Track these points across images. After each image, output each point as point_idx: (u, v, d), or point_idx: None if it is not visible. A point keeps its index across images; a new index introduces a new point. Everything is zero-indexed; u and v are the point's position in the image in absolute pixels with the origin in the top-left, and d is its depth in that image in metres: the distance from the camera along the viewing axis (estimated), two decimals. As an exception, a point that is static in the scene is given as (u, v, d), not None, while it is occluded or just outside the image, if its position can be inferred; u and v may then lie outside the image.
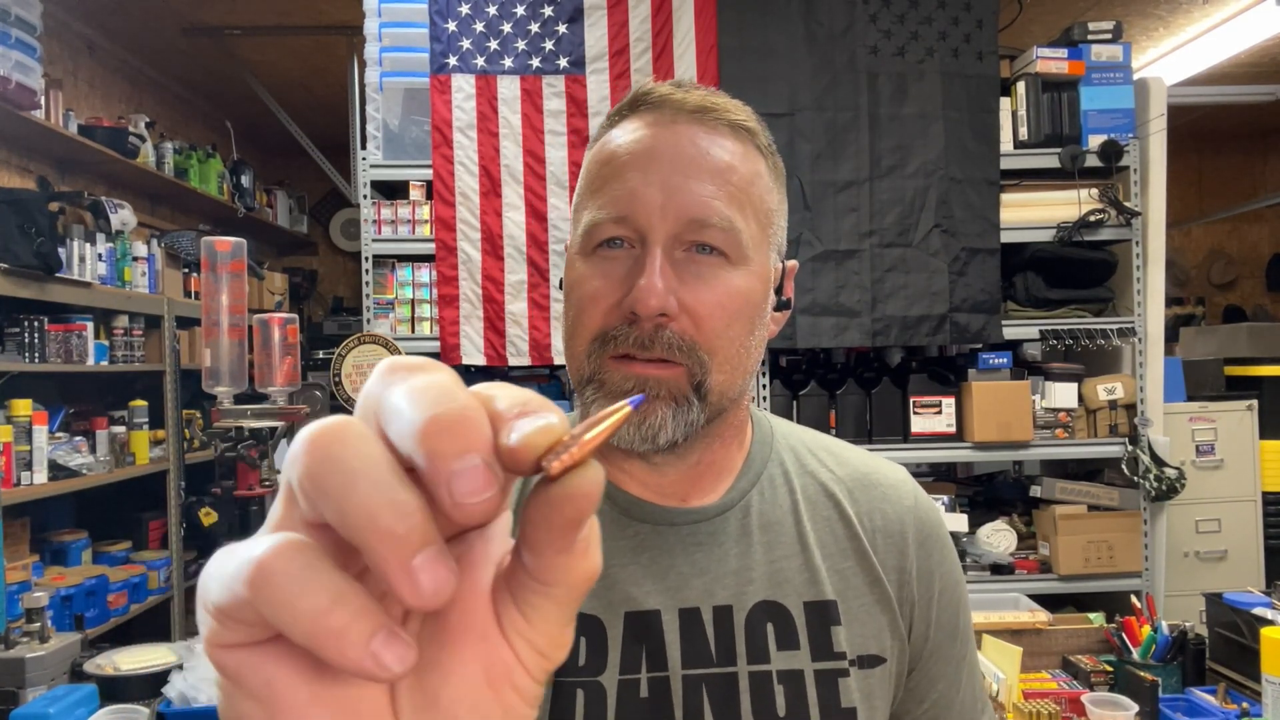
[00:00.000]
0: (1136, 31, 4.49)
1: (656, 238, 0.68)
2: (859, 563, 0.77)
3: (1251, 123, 6.03)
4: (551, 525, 0.25)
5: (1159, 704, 1.84)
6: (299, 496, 0.25)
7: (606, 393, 0.69)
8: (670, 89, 0.73)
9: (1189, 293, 6.67)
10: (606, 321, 0.69)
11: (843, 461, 0.83)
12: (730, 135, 0.72)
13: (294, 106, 5.14)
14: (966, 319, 3.12)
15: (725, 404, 0.72)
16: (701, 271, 0.69)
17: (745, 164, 0.72)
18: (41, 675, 1.88)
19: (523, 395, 0.26)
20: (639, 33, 3.12)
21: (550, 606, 0.27)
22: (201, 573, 0.27)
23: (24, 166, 3.73)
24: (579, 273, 0.72)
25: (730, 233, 0.69)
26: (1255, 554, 3.42)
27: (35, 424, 3.03)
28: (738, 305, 0.70)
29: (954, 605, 0.81)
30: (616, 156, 0.71)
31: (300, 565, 0.24)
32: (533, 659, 0.28)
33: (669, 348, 0.68)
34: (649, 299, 0.66)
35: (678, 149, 0.70)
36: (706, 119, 0.72)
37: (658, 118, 0.72)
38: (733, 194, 0.70)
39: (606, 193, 0.71)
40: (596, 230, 0.70)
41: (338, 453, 0.24)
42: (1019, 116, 3.21)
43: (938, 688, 0.80)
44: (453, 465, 0.24)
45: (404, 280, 3.16)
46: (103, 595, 3.28)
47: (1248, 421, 3.46)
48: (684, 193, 0.69)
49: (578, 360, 0.71)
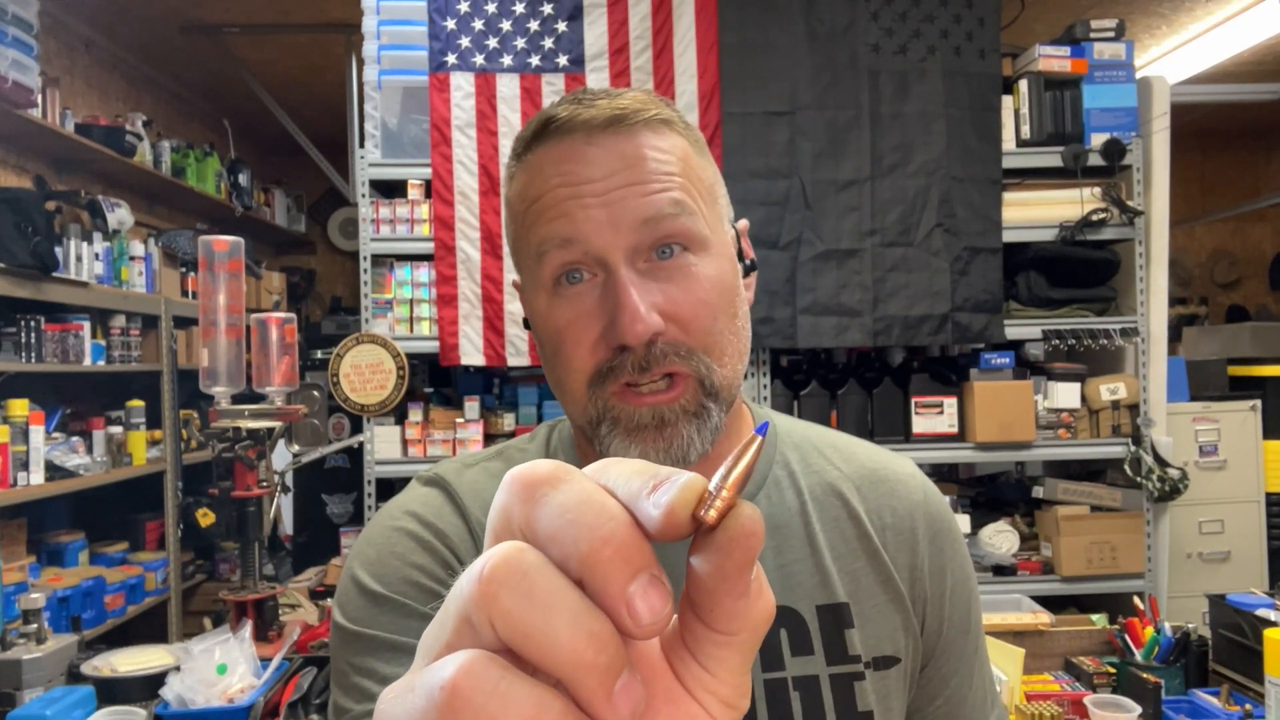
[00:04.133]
0: (1139, 29, 4.48)
1: (616, 257, 0.66)
2: (870, 562, 0.76)
3: (1255, 121, 6.02)
4: (726, 573, 0.26)
5: (1162, 706, 1.83)
6: (481, 629, 0.25)
7: (624, 429, 0.67)
8: (573, 108, 0.68)
9: (1192, 292, 6.66)
10: (596, 358, 0.67)
11: (849, 458, 0.81)
12: (648, 132, 0.69)
13: (292, 105, 5.12)
14: (968, 318, 3.11)
15: (733, 394, 0.71)
16: (671, 275, 0.67)
17: (671, 152, 0.69)
18: (38, 677, 1.87)
19: (648, 468, 0.27)
20: (639, 30, 3.10)
21: (733, 655, 0.27)
22: (376, 716, 0.27)
23: (20, 165, 3.71)
24: (546, 312, 0.69)
25: (683, 217, 0.67)
26: (1258, 555, 3.41)
27: (32, 424, 3.02)
28: (716, 295, 0.68)
29: (965, 600, 0.80)
30: (545, 191, 0.68)
31: (495, 679, 0.24)
32: (721, 711, 0.27)
33: (667, 359, 0.66)
34: (634, 326, 0.64)
35: (606, 164, 0.67)
36: (621, 129, 0.68)
37: (572, 141, 0.68)
38: (674, 182, 0.68)
39: (545, 225, 0.67)
40: (549, 260, 0.67)
41: (528, 589, 0.24)
42: (1021, 115, 3.20)
43: (950, 684, 0.79)
44: (629, 589, 0.24)
45: (403, 280, 3.15)
46: (100, 596, 3.27)
47: (1251, 422, 3.44)
48: (626, 200, 0.66)
49: (579, 403, 0.69)
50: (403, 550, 0.70)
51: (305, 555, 4.28)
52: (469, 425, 3.11)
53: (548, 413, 3.19)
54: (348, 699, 0.67)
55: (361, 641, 0.67)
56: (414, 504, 0.74)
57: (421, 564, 0.70)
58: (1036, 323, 3.16)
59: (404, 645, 0.66)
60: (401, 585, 0.68)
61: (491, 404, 3.29)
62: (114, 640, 3.03)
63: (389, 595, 0.68)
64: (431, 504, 0.74)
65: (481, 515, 0.73)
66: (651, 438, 0.67)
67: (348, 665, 0.68)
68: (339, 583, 0.73)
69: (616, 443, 0.68)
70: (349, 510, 4.70)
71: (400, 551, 0.70)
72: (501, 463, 0.79)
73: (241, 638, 1.87)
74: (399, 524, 0.72)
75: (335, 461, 4.58)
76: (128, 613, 3.46)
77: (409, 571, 0.69)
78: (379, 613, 0.67)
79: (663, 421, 0.67)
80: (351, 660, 0.68)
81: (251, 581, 2.26)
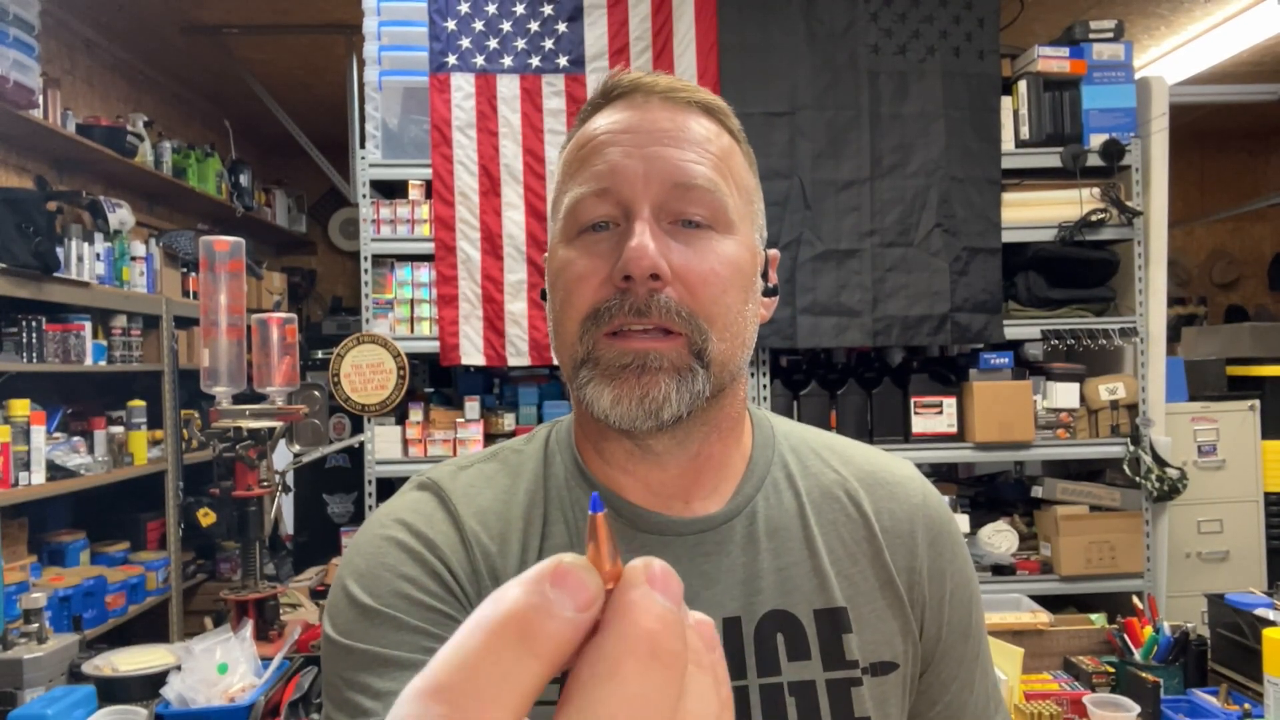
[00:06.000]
0: (1138, 30, 4.48)
1: (641, 207, 0.68)
2: (871, 565, 0.75)
3: (1253, 122, 6.02)
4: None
5: (1161, 705, 1.83)
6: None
7: (603, 370, 0.67)
8: (639, 75, 0.74)
9: (1191, 292, 6.67)
10: (597, 297, 0.67)
11: (847, 460, 0.81)
12: (703, 114, 0.73)
13: (293, 105, 5.13)
14: (968, 319, 3.11)
15: (726, 379, 0.70)
16: (690, 241, 0.68)
17: (720, 139, 0.73)
18: (39, 676, 1.87)
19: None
20: (639, 31, 3.11)
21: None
22: None
23: (21, 166, 3.72)
24: (563, 258, 0.71)
25: (715, 194, 0.69)
26: (1257, 555, 3.41)
27: (33, 424, 3.03)
28: (730, 272, 0.69)
29: (966, 604, 0.79)
30: (594, 138, 0.71)
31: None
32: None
33: (666, 312, 0.66)
34: (641, 259, 0.65)
35: (654, 124, 0.70)
36: (679, 98, 0.72)
37: (630, 102, 0.72)
38: (713, 162, 0.70)
39: (586, 170, 0.70)
40: (579, 208, 0.69)
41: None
42: (1020, 115, 3.21)
43: (951, 689, 0.78)
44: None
45: (403, 280, 3.15)
46: (101, 596, 3.27)
47: (1250, 422, 3.45)
48: (665, 159, 0.68)
49: (569, 343, 0.69)
50: (393, 562, 0.69)
51: (306, 555, 4.28)
52: (469, 425, 3.12)
53: (548, 413, 3.20)
54: (341, 714, 0.66)
55: (354, 656, 0.66)
56: (405, 511, 0.73)
57: (412, 576, 0.68)
58: (1036, 323, 3.17)
59: (396, 659, 0.65)
60: (392, 598, 0.67)
61: (492, 404, 3.29)
62: (115, 640, 3.03)
63: (379, 609, 0.66)
64: (423, 510, 0.73)
65: (474, 521, 0.72)
66: (630, 383, 0.66)
67: (340, 679, 0.67)
68: (330, 592, 0.72)
69: (592, 387, 0.67)
70: (349, 510, 4.70)
71: (390, 563, 0.69)
72: (497, 464, 0.78)
73: (242, 637, 1.87)
74: (389, 533, 0.71)
75: (336, 461, 4.59)
76: (129, 612, 3.47)
77: (399, 584, 0.68)
78: (370, 626, 0.66)
79: (644, 368, 0.66)
80: (344, 674, 0.67)
81: (252, 581, 2.26)
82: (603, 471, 0.75)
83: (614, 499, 0.74)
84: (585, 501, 0.74)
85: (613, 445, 0.73)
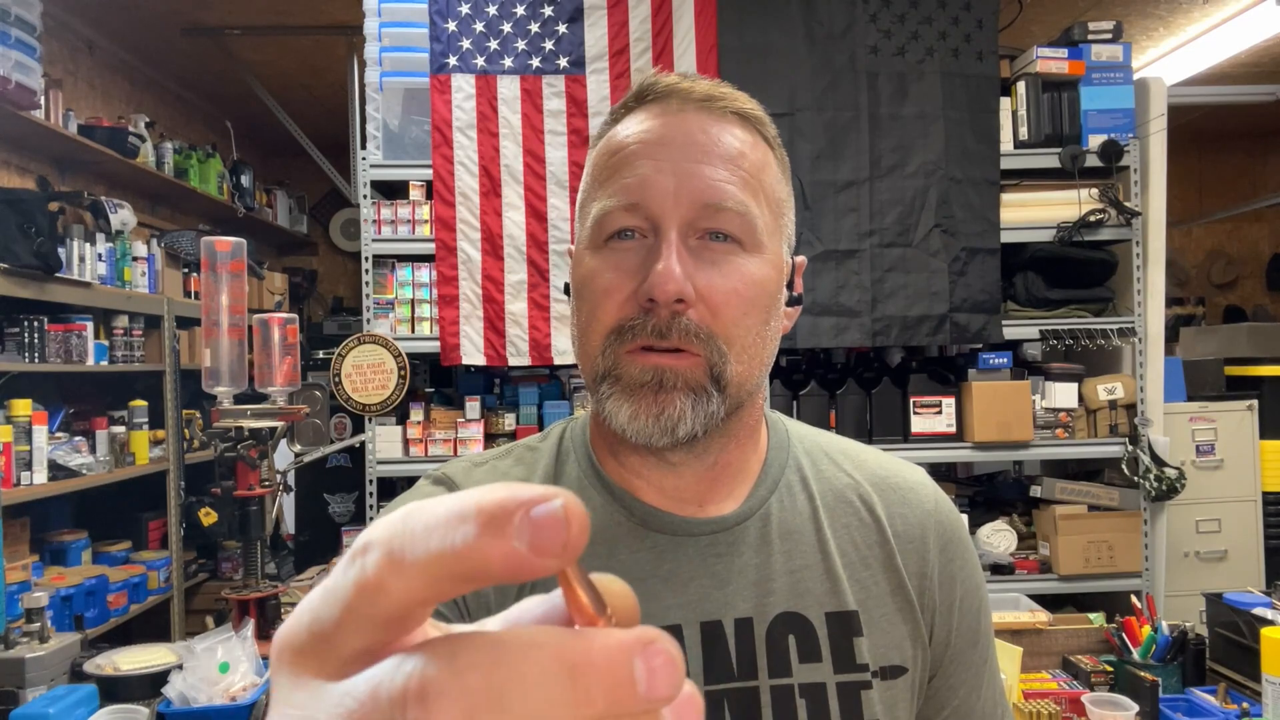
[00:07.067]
0: (1136, 31, 4.49)
1: (670, 224, 0.67)
2: (883, 569, 0.75)
3: (1252, 122, 6.03)
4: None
5: (1159, 704, 1.84)
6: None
7: (623, 387, 0.68)
8: (676, 79, 0.72)
9: (1189, 293, 6.67)
10: (622, 313, 0.68)
11: (861, 465, 0.81)
12: (739, 124, 0.72)
13: (294, 106, 5.14)
14: (966, 319, 3.12)
15: (743, 397, 0.71)
16: (716, 259, 0.68)
17: (755, 151, 0.71)
18: (41, 675, 1.88)
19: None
20: (639, 32, 3.12)
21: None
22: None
23: (24, 166, 3.73)
24: (589, 267, 0.70)
25: (745, 217, 0.68)
26: (1255, 554, 3.41)
27: (35, 424, 3.03)
28: (753, 293, 0.69)
29: (975, 610, 0.79)
30: (625, 146, 0.70)
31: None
32: None
33: (685, 335, 0.66)
34: (666, 284, 0.65)
35: (688, 136, 0.69)
36: (715, 107, 0.71)
37: (665, 108, 0.71)
38: (745, 180, 0.69)
39: (616, 181, 0.69)
40: (608, 219, 0.69)
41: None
42: (1019, 116, 3.21)
43: (959, 694, 0.78)
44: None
45: (404, 280, 3.16)
46: (102, 595, 3.28)
47: (1248, 421, 3.45)
48: (696, 178, 0.68)
49: (592, 357, 0.70)
50: None
51: (307, 554, 4.29)
52: (470, 425, 3.12)
53: (548, 413, 3.20)
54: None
55: None
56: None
57: None
58: (1034, 323, 3.17)
59: None
60: None
61: (492, 404, 3.30)
62: (116, 639, 3.04)
63: None
64: None
65: None
66: (647, 400, 0.67)
67: None
68: None
69: (612, 402, 0.68)
70: (350, 509, 4.70)
71: None
72: (511, 461, 0.78)
73: (244, 636, 1.87)
74: None
75: (337, 461, 4.59)
76: (130, 611, 3.47)
77: None
78: None
79: (661, 385, 0.67)
80: None
81: (254, 580, 2.27)
82: (617, 473, 0.76)
83: (627, 499, 0.74)
84: (598, 502, 0.74)
85: (629, 452, 0.73)
